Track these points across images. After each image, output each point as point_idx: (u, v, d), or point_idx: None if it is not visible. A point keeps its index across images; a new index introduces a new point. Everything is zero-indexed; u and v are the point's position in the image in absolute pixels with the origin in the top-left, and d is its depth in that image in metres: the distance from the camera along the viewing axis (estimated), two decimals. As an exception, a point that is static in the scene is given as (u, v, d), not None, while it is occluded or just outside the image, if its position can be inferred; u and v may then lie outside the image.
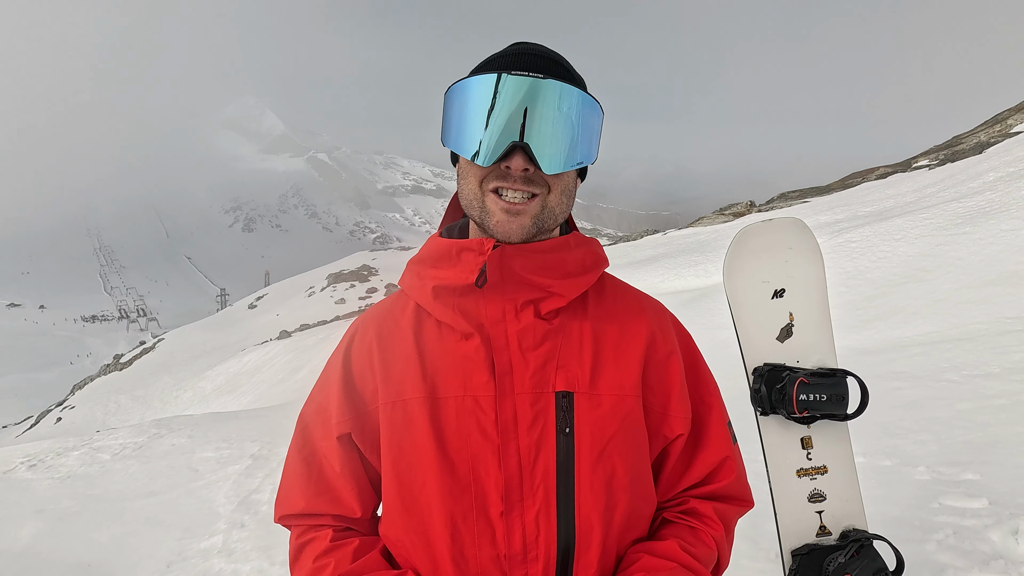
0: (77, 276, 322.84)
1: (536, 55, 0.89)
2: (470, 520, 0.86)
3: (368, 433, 0.95)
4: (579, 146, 0.86)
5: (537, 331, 0.90)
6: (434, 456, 0.87)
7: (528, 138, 0.82)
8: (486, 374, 0.89)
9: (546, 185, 0.87)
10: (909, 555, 1.34)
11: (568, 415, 0.88)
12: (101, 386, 34.96)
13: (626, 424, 0.90)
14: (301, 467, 0.98)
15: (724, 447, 0.99)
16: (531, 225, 0.88)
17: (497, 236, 0.88)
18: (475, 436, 0.87)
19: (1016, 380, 4.26)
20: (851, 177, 20.78)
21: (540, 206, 0.88)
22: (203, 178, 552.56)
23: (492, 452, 0.87)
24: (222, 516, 4.57)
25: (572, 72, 0.91)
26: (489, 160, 0.84)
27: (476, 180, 0.88)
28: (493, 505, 0.86)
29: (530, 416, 0.87)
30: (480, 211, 0.89)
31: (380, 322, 0.99)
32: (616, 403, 0.90)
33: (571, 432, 0.88)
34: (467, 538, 0.87)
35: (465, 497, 0.87)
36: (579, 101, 0.85)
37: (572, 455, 0.87)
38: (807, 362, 1.34)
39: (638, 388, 0.92)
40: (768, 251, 1.36)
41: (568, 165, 0.86)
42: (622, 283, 1.04)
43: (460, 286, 0.90)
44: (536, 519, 0.86)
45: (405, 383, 0.91)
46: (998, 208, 8.57)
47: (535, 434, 0.87)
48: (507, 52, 0.90)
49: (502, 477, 0.86)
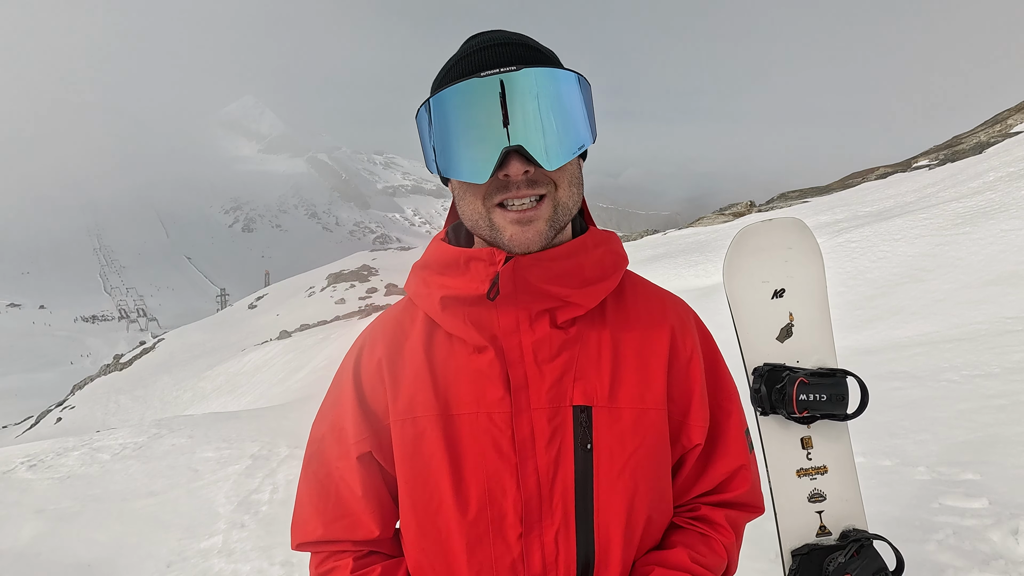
0: (77, 276, 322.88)
1: (498, 45, 0.81)
2: (486, 543, 0.83)
3: (386, 448, 0.91)
4: (574, 130, 0.79)
5: (553, 342, 0.85)
6: (448, 477, 0.83)
7: (518, 139, 0.75)
8: (501, 389, 0.84)
9: (551, 182, 0.80)
10: (909, 555, 1.34)
11: (587, 430, 0.83)
12: (101, 386, 34.95)
13: (648, 439, 0.86)
14: (316, 490, 0.93)
15: (740, 455, 0.95)
16: (547, 230, 0.81)
17: (514, 250, 0.81)
18: (491, 455, 0.83)
19: (1016, 380, 4.26)
20: (851, 177, 20.79)
21: (551, 207, 0.81)
22: (203, 178, 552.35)
23: (509, 471, 0.83)
24: (222, 516, 4.57)
25: (540, 49, 0.83)
26: (485, 176, 0.77)
27: (478, 199, 0.81)
28: (511, 527, 0.82)
29: (548, 432, 0.83)
30: (489, 230, 0.82)
31: (388, 334, 0.94)
32: (638, 417, 0.86)
33: (591, 448, 0.83)
34: (485, 562, 0.83)
35: (481, 520, 0.83)
36: (559, 81, 0.78)
37: (591, 472, 0.83)
38: (807, 362, 1.34)
39: (662, 401, 0.88)
40: (768, 251, 1.36)
41: (569, 154, 0.79)
42: (643, 282, 0.97)
43: (470, 296, 0.84)
44: (555, 539, 0.82)
45: (416, 400, 0.87)
46: (998, 208, 8.57)
47: (553, 451, 0.83)
48: (466, 52, 0.83)
49: (520, 498, 0.82)
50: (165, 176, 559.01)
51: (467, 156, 0.78)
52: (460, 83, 0.76)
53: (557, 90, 0.78)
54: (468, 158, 0.78)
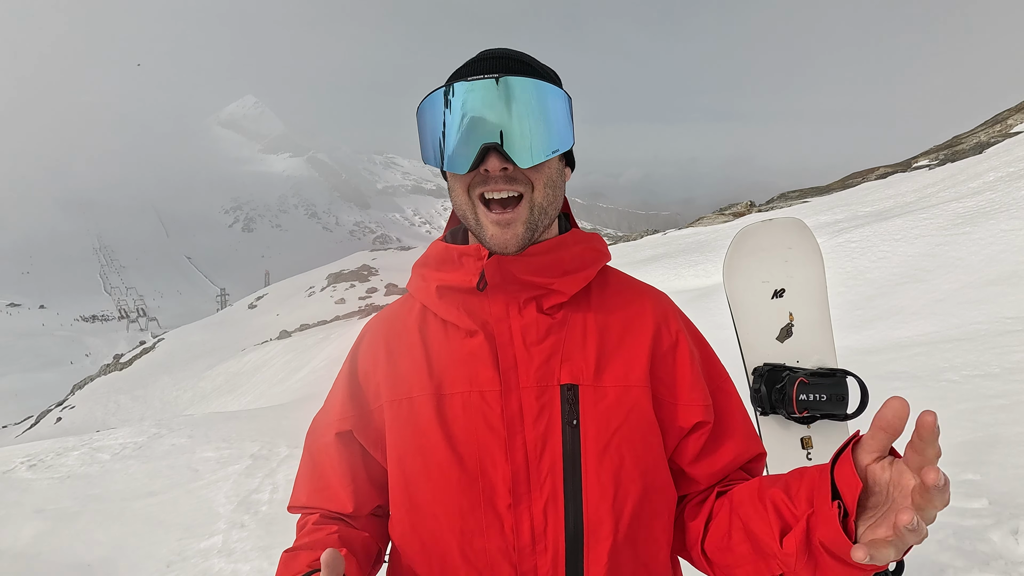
0: (77, 276, 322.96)
1: (495, 58, 0.91)
2: (478, 512, 0.88)
3: (372, 430, 0.98)
4: (550, 134, 0.87)
5: (540, 326, 0.92)
6: (442, 450, 0.89)
7: (496, 137, 0.84)
8: (491, 369, 0.90)
9: (529, 182, 0.89)
10: (909, 555, 1.34)
11: (574, 407, 0.89)
12: (101, 386, 34.98)
13: (632, 415, 0.91)
14: (307, 463, 1.04)
15: (751, 437, 0.98)
16: (524, 232, 0.89)
17: (495, 250, 0.91)
18: (482, 430, 0.89)
19: (1016, 380, 4.26)
20: (851, 177, 20.79)
21: (528, 208, 0.89)
22: (203, 178, 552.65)
23: (499, 445, 0.88)
24: (222, 516, 4.57)
25: (534, 66, 0.93)
26: (465, 166, 0.87)
27: (463, 189, 0.91)
28: (501, 497, 0.87)
29: (536, 409, 0.89)
30: (475, 223, 0.92)
31: (388, 324, 1.03)
32: (621, 394, 0.91)
33: (577, 424, 0.89)
34: (476, 530, 0.88)
35: (473, 490, 0.88)
36: (538, 90, 0.87)
37: (578, 447, 0.88)
38: (807, 362, 1.34)
39: (644, 379, 0.92)
40: (768, 251, 1.36)
41: (543, 155, 0.87)
42: (625, 276, 1.05)
43: (463, 287, 0.94)
44: (544, 511, 0.87)
45: (412, 381, 0.94)
46: (998, 208, 8.58)
47: (541, 427, 0.88)
48: (471, 61, 0.93)
49: (509, 470, 0.87)
50: (165, 176, 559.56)
51: (453, 150, 0.87)
52: (453, 84, 0.87)
53: (536, 98, 0.87)
54: (454, 152, 0.87)
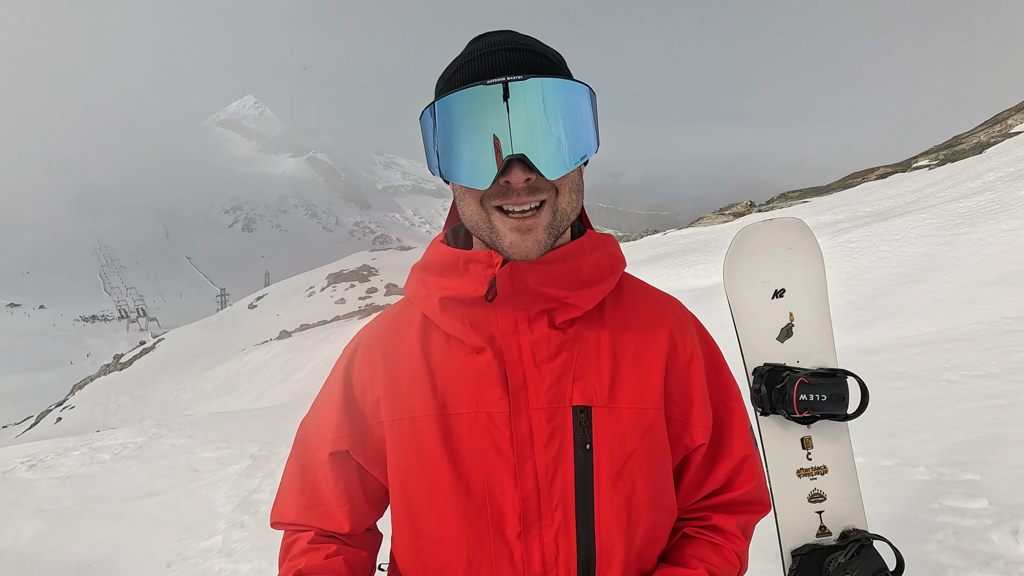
0: (77, 276, 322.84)
1: (506, 50, 0.80)
2: (486, 542, 0.83)
3: (369, 448, 0.92)
4: (578, 140, 0.79)
5: (552, 342, 0.85)
6: (447, 476, 0.84)
7: (521, 147, 0.75)
8: (499, 389, 0.84)
9: (552, 188, 0.81)
10: (909, 555, 1.34)
11: (587, 431, 0.83)
12: (101, 386, 34.99)
13: (647, 439, 0.86)
14: (297, 476, 0.98)
15: (745, 446, 0.96)
16: (546, 238, 0.81)
17: (514, 257, 0.82)
18: (490, 454, 0.83)
19: (1016, 380, 4.26)
20: (851, 177, 20.78)
21: (551, 214, 0.81)
22: (203, 178, 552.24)
23: (508, 471, 0.83)
24: (222, 516, 4.57)
25: (547, 55, 0.83)
26: (487, 183, 0.77)
27: (476, 201, 0.82)
28: (510, 526, 0.83)
29: (547, 432, 0.83)
30: (489, 232, 0.82)
31: (385, 334, 0.95)
32: (636, 417, 0.86)
33: (590, 449, 0.83)
34: (484, 560, 0.83)
35: (481, 518, 0.83)
36: (565, 92, 0.78)
37: (591, 472, 0.83)
38: (807, 362, 1.34)
39: (659, 401, 0.88)
40: (768, 251, 1.36)
41: (573, 164, 0.79)
42: (640, 284, 0.98)
43: (468, 298, 0.85)
44: (555, 539, 0.82)
45: (413, 400, 0.87)
46: (998, 208, 8.58)
47: (552, 451, 0.83)
48: (473, 55, 0.82)
49: (519, 497, 0.83)
50: (165, 176, 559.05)
51: (470, 162, 0.78)
52: (466, 89, 0.76)
53: (562, 100, 0.78)
54: (470, 163, 0.78)
